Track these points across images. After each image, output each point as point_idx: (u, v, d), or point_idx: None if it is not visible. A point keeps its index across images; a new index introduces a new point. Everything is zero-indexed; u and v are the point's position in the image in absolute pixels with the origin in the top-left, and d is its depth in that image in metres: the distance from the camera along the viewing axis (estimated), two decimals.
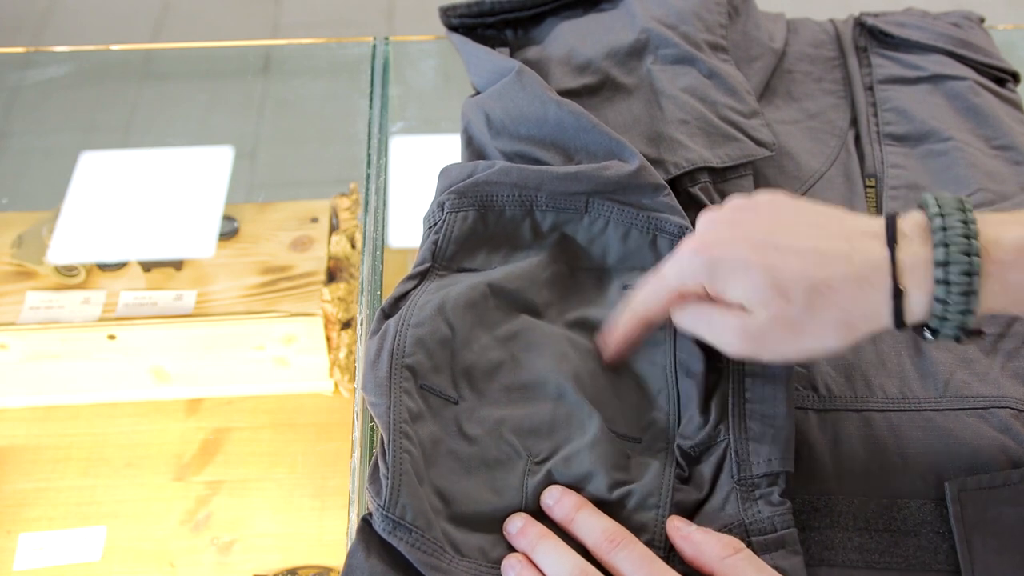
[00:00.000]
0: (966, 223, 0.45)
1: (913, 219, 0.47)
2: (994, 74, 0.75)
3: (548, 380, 0.53)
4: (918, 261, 0.45)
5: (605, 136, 0.61)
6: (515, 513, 0.49)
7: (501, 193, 0.60)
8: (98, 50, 1.05)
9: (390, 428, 0.50)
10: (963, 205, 0.46)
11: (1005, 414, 0.54)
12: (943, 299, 0.45)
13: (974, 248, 0.44)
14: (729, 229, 0.49)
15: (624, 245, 0.60)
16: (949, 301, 0.45)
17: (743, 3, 0.77)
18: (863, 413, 0.55)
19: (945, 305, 0.45)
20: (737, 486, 0.50)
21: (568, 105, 0.62)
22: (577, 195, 0.60)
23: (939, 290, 0.45)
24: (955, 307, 0.45)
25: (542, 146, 0.63)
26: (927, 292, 0.45)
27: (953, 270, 0.44)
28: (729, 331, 0.49)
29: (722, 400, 0.53)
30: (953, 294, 0.45)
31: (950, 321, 0.45)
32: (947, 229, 0.45)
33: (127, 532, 0.69)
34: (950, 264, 0.44)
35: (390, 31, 1.99)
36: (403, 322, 0.54)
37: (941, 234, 0.45)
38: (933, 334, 0.47)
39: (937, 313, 0.45)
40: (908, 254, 0.45)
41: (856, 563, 0.50)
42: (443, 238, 0.59)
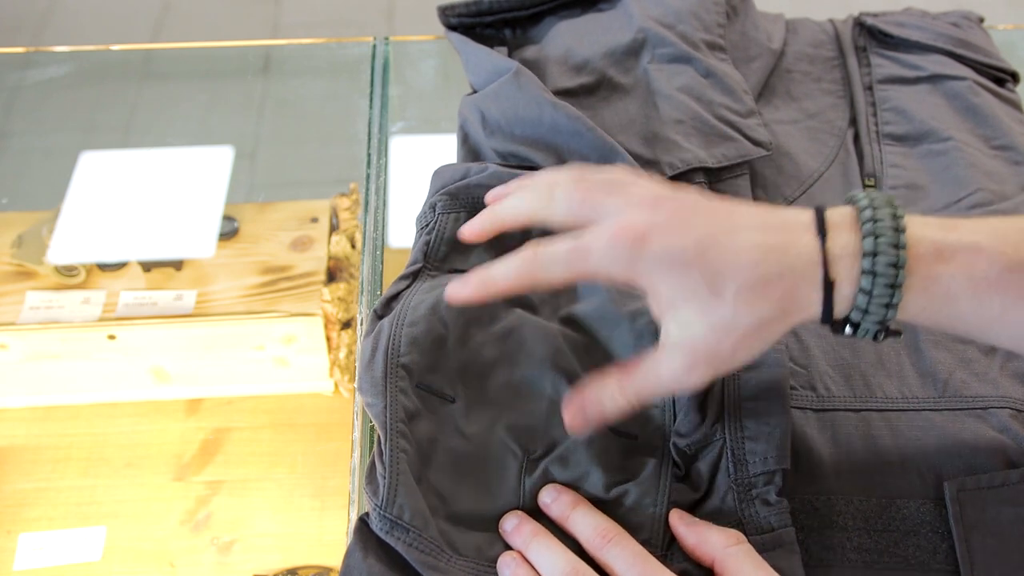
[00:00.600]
0: (895, 216, 0.44)
1: (843, 211, 0.46)
2: (993, 74, 0.75)
3: (543, 377, 0.53)
4: (847, 252, 0.44)
5: (600, 140, 0.61)
6: (510, 511, 0.50)
7: None
8: (98, 50, 1.05)
9: (387, 428, 0.50)
10: (892, 200, 0.45)
11: (1004, 414, 0.54)
12: (868, 290, 0.44)
13: (902, 241, 0.44)
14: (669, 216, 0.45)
15: None
16: (873, 293, 0.44)
17: (741, 3, 0.78)
18: (862, 413, 0.55)
19: (869, 297, 0.44)
20: (734, 485, 0.50)
21: (564, 108, 0.62)
22: None
23: (864, 280, 0.44)
24: (878, 299, 0.44)
25: (536, 147, 0.63)
26: (853, 282, 0.44)
27: (880, 260, 0.44)
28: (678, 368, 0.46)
29: (717, 398, 0.53)
30: (878, 285, 0.44)
31: (872, 315, 0.45)
32: (877, 220, 0.44)
33: (127, 532, 0.70)
34: (878, 255, 0.44)
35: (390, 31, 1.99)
36: (397, 322, 0.54)
37: (871, 225, 0.44)
38: (854, 329, 0.46)
39: (860, 305, 0.45)
40: (838, 245, 0.45)
41: (855, 563, 0.50)
42: (435, 239, 0.59)
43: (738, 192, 0.64)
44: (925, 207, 0.65)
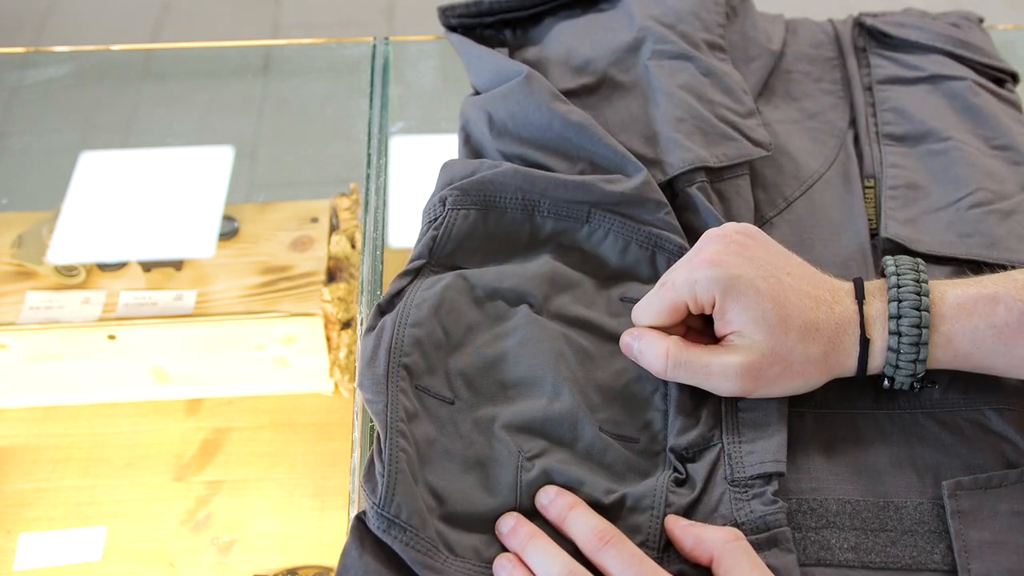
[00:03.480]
0: (918, 281, 0.51)
1: (877, 283, 0.53)
2: (993, 74, 0.75)
3: (544, 378, 0.53)
4: (879, 314, 0.51)
5: (610, 149, 0.61)
6: (507, 512, 0.50)
7: (505, 194, 0.60)
8: (98, 50, 1.05)
9: (387, 426, 0.50)
10: (917, 266, 0.52)
11: (1002, 414, 0.54)
12: (895, 348, 0.51)
13: (924, 304, 0.50)
14: (740, 252, 0.52)
15: (623, 258, 0.60)
16: (901, 351, 0.51)
17: (741, 4, 0.78)
18: (859, 414, 0.55)
19: (897, 354, 0.51)
20: (730, 487, 0.50)
21: (574, 116, 0.62)
22: (580, 204, 0.60)
23: (892, 340, 0.51)
24: (906, 356, 0.51)
25: (544, 151, 0.63)
26: (884, 341, 0.51)
27: (904, 322, 0.50)
28: (730, 370, 0.51)
29: (715, 403, 0.53)
30: (904, 344, 0.50)
31: (902, 370, 0.51)
32: (901, 287, 0.51)
33: (127, 532, 0.70)
34: (902, 317, 0.50)
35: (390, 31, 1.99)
36: (400, 320, 0.54)
37: (895, 291, 0.51)
38: (890, 382, 0.52)
39: (891, 362, 0.51)
40: (874, 309, 0.51)
41: (852, 563, 0.50)
42: (443, 234, 0.59)
43: (739, 192, 0.64)
44: (925, 207, 0.65)
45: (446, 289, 0.56)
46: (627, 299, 0.59)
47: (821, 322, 0.51)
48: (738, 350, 0.51)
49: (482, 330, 0.55)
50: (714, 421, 0.52)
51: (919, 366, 0.51)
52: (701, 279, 0.51)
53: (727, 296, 0.50)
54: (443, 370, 0.53)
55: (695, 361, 0.51)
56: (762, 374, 0.50)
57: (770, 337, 0.50)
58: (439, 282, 0.56)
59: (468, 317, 0.56)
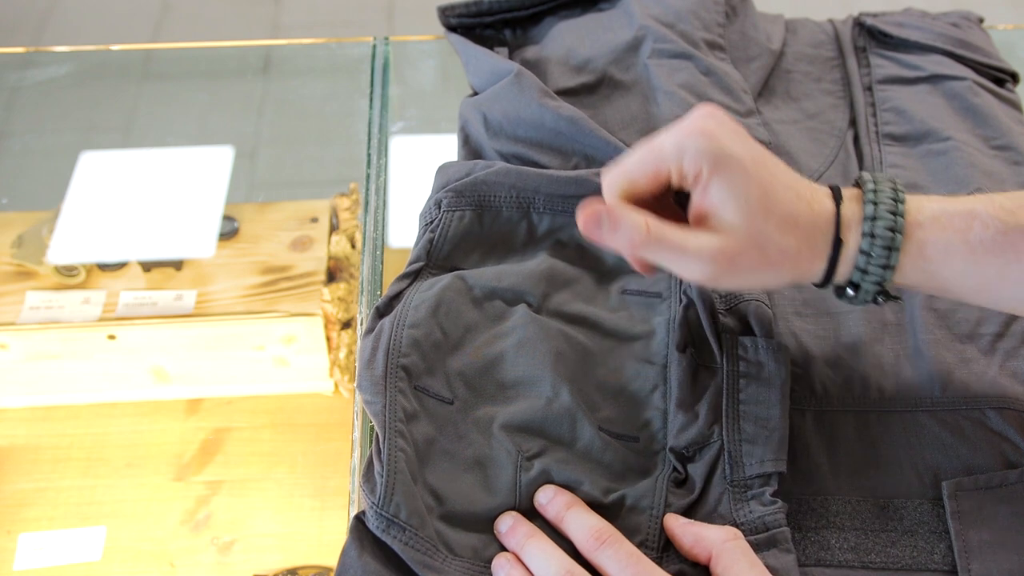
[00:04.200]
0: (895, 190, 0.49)
1: (851, 190, 0.50)
2: (993, 74, 0.75)
3: (543, 378, 0.53)
4: (854, 217, 0.49)
5: (603, 141, 0.61)
6: (505, 512, 0.50)
7: (499, 193, 0.60)
8: (98, 50, 1.05)
9: (385, 427, 0.50)
10: (894, 180, 0.50)
11: (1003, 414, 0.54)
12: (867, 251, 0.48)
13: (900, 209, 0.48)
14: (733, 132, 0.49)
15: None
16: (872, 254, 0.48)
17: (741, 4, 0.78)
18: (860, 413, 0.55)
19: (868, 257, 0.48)
20: (729, 487, 0.50)
21: (565, 110, 0.62)
22: (575, 199, 0.60)
23: (864, 242, 0.48)
24: (876, 260, 0.48)
25: (539, 148, 0.63)
26: (855, 245, 0.48)
27: (879, 224, 0.48)
28: (705, 251, 0.47)
29: (715, 400, 0.53)
30: (876, 247, 0.48)
31: (870, 275, 0.48)
32: (878, 192, 0.49)
33: (127, 532, 0.70)
34: (877, 219, 0.48)
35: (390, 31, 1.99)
36: (398, 322, 0.54)
37: (872, 195, 0.49)
38: (854, 290, 0.49)
39: (860, 265, 0.48)
40: (848, 211, 0.49)
41: (852, 563, 0.50)
42: (439, 237, 0.59)
43: None
44: None
45: (444, 290, 0.56)
46: (629, 291, 0.59)
47: (800, 215, 0.48)
48: (715, 231, 0.47)
49: (481, 330, 0.55)
50: (714, 416, 0.52)
51: (888, 272, 0.48)
52: (691, 148, 0.47)
53: (715, 170, 0.47)
54: (442, 371, 0.53)
55: (672, 238, 0.48)
56: (736, 260, 0.47)
57: (750, 222, 0.47)
58: (437, 283, 0.56)
59: (467, 317, 0.56)
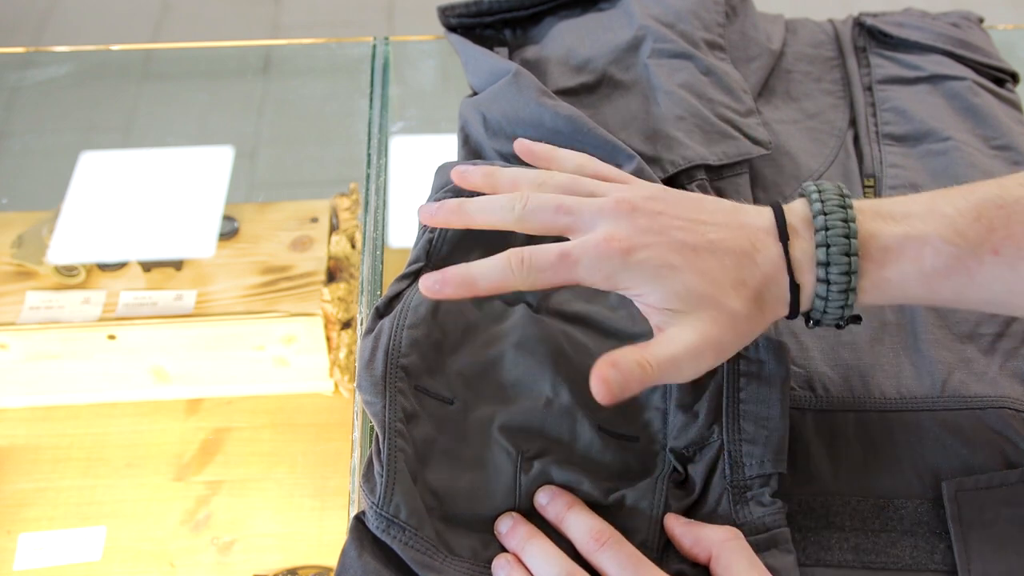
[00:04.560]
0: (846, 221, 0.47)
1: (796, 212, 0.49)
2: (993, 74, 0.75)
3: (543, 378, 0.53)
4: (805, 258, 0.48)
5: (601, 140, 0.61)
6: (505, 512, 0.50)
7: None
8: (98, 50, 1.05)
9: (385, 427, 0.50)
10: (843, 198, 0.48)
11: (1003, 414, 0.54)
12: (823, 296, 0.48)
13: (853, 247, 0.47)
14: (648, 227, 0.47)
15: None
16: (829, 298, 0.48)
17: (741, 3, 0.78)
18: (860, 413, 0.55)
19: (825, 301, 0.48)
20: (729, 487, 0.50)
21: (563, 109, 0.62)
22: None
23: (819, 288, 0.48)
24: (834, 302, 0.48)
25: None
26: (811, 287, 0.48)
27: (833, 270, 0.47)
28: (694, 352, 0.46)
29: (715, 400, 0.53)
30: (833, 292, 0.47)
31: (829, 314, 0.49)
32: (829, 229, 0.47)
33: (127, 532, 0.70)
34: (831, 265, 0.47)
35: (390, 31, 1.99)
36: (398, 322, 0.54)
37: (823, 234, 0.47)
38: (816, 324, 0.50)
39: (818, 308, 0.49)
40: (799, 250, 0.48)
41: (852, 563, 0.50)
42: (438, 237, 0.59)
43: (738, 190, 0.64)
44: None
45: None
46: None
47: (747, 277, 0.47)
48: (684, 328, 0.46)
49: (481, 330, 0.55)
50: (714, 416, 0.52)
51: (846, 310, 0.48)
52: (610, 268, 0.46)
53: (642, 284, 0.46)
54: (442, 371, 0.53)
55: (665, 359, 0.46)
56: (720, 344, 0.47)
57: (703, 305, 0.46)
58: None
59: (466, 317, 0.56)
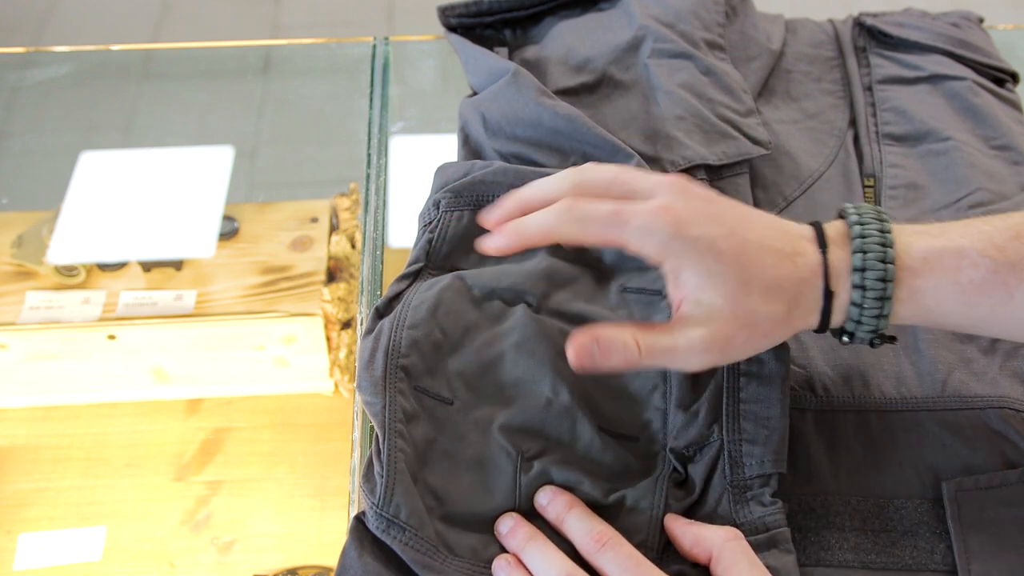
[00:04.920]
0: (883, 232, 0.48)
1: (836, 227, 0.49)
2: (993, 74, 0.75)
3: (543, 378, 0.53)
4: (842, 265, 0.48)
5: (600, 139, 0.61)
6: (506, 513, 0.50)
7: (497, 193, 0.60)
8: (98, 50, 1.05)
9: (385, 427, 0.50)
10: (880, 215, 0.49)
11: (1003, 414, 0.54)
12: (859, 303, 0.47)
13: (889, 255, 0.47)
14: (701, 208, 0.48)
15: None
16: (864, 305, 0.47)
17: (741, 3, 0.78)
18: (860, 413, 0.55)
19: (860, 309, 0.48)
20: (729, 487, 0.50)
21: (563, 109, 0.62)
22: None
23: (855, 294, 0.47)
24: (869, 311, 0.47)
25: (538, 148, 0.63)
26: (847, 295, 0.48)
27: (869, 276, 0.47)
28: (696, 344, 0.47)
29: (715, 400, 0.53)
30: (868, 299, 0.47)
31: (864, 325, 0.48)
32: (865, 237, 0.47)
33: (127, 532, 0.70)
34: (867, 270, 0.47)
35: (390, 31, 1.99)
36: (398, 323, 0.54)
37: (860, 241, 0.47)
38: (849, 337, 0.49)
39: (853, 316, 0.48)
40: (836, 258, 0.48)
41: (852, 563, 0.50)
42: (437, 237, 0.59)
43: (738, 190, 0.64)
44: (925, 207, 0.65)
45: (443, 290, 0.56)
46: (629, 289, 0.58)
47: (784, 279, 0.47)
48: (700, 321, 0.47)
49: (480, 330, 0.55)
50: (714, 416, 0.52)
51: (882, 321, 0.48)
52: (656, 233, 0.46)
53: (683, 258, 0.46)
54: (442, 371, 0.53)
55: (660, 343, 0.47)
56: (729, 343, 0.47)
57: (731, 302, 0.46)
58: (436, 284, 0.56)
59: (466, 318, 0.56)
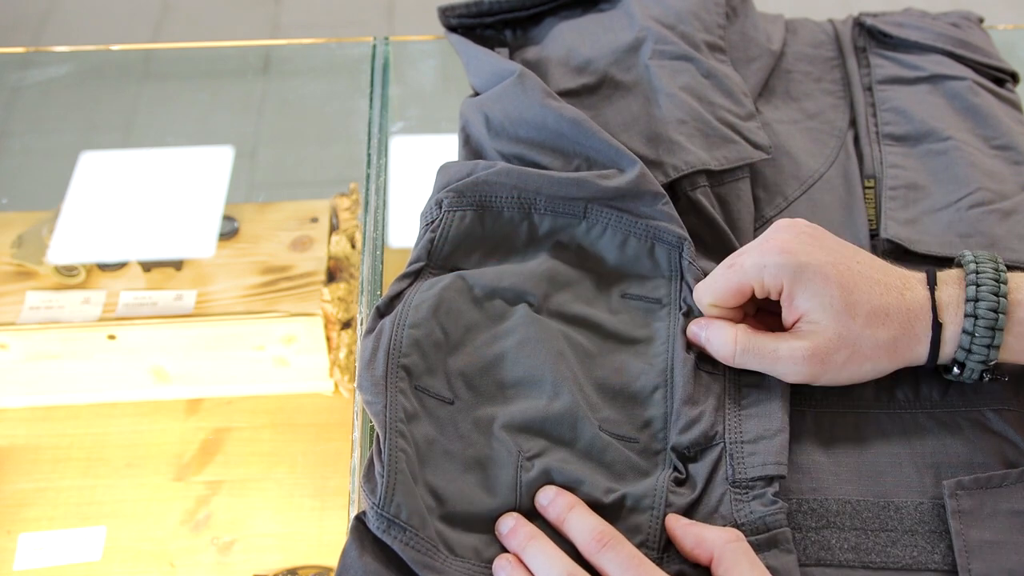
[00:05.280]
0: (997, 269, 0.52)
1: (949, 272, 0.53)
2: (993, 74, 0.75)
3: (544, 378, 0.53)
4: (952, 300, 0.52)
5: (604, 143, 0.61)
6: (507, 513, 0.50)
7: (500, 194, 0.60)
8: (98, 50, 1.05)
9: (386, 427, 0.50)
10: (996, 257, 0.53)
11: (1002, 415, 0.54)
12: (970, 331, 0.51)
13: (1002, 290, 0.51)
14: (809, 242, 0.53)
15: (622, 253, 0.60)
16: (975, 334, 0.51)
17: (741, 4, 0.78)
18: (860, 414, 0.55)
19: (972, 337, 0.51)
20: (731, 488, 0.50)
21: (568, 112, 0.62)
22: (576, 201, 0.60)
23: (967, 323, 0.51)
24: (980, 340, 0.51)
25: (541, 150, 0.63)
26: (958, 325, 0.51)
27: (982, 305, 0.50)
28: (797, 353, 0.51)
29: (718, 401, 0.53)
30: (980, 327, 0.50)
31: (975, 355, 0.51)
32: (980, 272, 0.51)
33: (127, 532, 0.70)
34: (980, 300, 0.51)
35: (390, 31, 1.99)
36: (399, 321, 0.54)
37: (974, 276, 0.51)
38: (960, 368, 0.52)
39: (964, 345, 0.51)
40: (946, 295, 0.52)
41: (852, 563, 0.50)
42: (439, 237, 0.59)
43: (739, 195, 0.64)
44: (925, 207, 0.65)
45: (445, 290, 0.56)
46: (629, 295, 0.59)
47: (891, 307, 0.51)
48: (805, 335, 0.51)
49: (481, 330, 0.55)
50: (716, 418, 0.52)
51: (992, 352, 0.51)
52: (771, 265, 0.52)
53: (795, 283, 0.52)
54: (443, 370, 0.54)
55: (763, 347, 0.52)
56: (829, 358, 0.51)
57: (837, 323, 0.51)
58: (438, 283, 0.56)
59: (467, 317, 0.56)
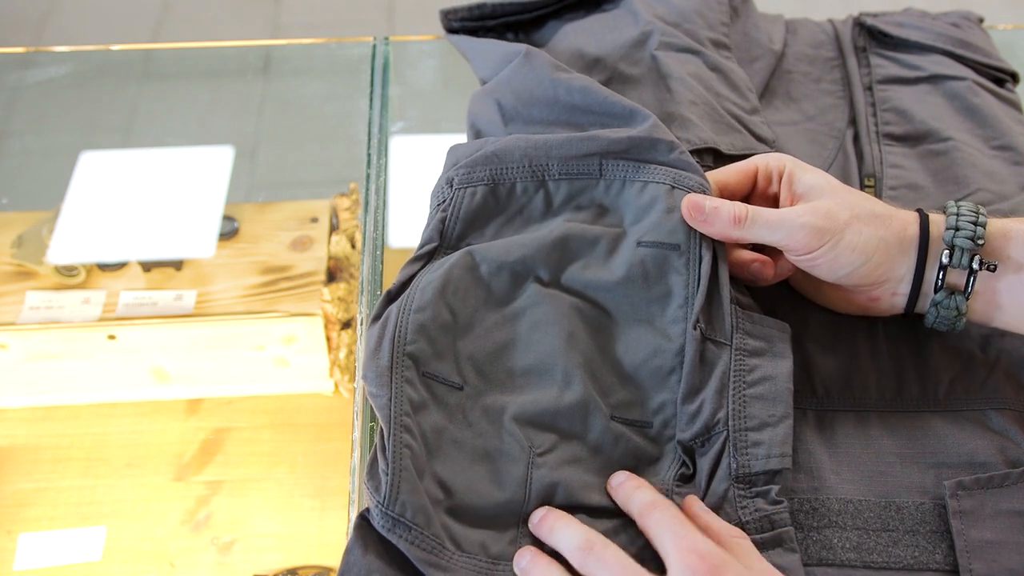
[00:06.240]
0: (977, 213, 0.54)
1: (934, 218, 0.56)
2: (993, 74, 0.75)
3: (555, 365, 0.52)
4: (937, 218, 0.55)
5: (617, 104, 0.60)
6: (523, 548, 0.48)
7: (511, 164, 0.58)
8: (98, 50, 1.05)
9: (390, 421, 0.49)
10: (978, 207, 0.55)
11: (1003, 415, 0.54)
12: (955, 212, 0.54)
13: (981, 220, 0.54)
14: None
15: (639, 199, 0.57)
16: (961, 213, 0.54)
17: (742, 4, 0.78)
18: (861, 413, 0.55)
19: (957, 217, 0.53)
20: (735, 483, 0.50)
21: (577, 81, 0.61)
22: (590, 157, 0.58)
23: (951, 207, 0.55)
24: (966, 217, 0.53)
25: (556, 126, 0.62)
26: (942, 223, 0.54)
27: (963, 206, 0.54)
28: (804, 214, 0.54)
29: (721, 383, 0.52)
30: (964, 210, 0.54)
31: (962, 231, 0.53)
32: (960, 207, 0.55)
33: (127, 532, 0.70)
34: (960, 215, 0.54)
35: (390, 31, 1.99)
36: (405, 307, 0.53)
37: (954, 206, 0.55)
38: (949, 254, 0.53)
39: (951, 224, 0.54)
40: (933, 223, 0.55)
41: (854, 562, 0.50)
42: (451, 216, 0.57)
43: None
44: (925, 207, 0.65)
45: (452, 268, 0.54)
46: (645, 243, 0.56)
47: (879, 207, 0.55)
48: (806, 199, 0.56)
49: (490, 310, 0.54)
50: (719, 402, 0.52)
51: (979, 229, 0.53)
52: (774, 156, 0.58)
53: (796, 165, 0.57)
54: (452, 353, 0.52)
55: (767, 214, 0.55)
56: (831, 217, 0.53)
57: (835, 196, 0.55)
58: (445, 263, 0.55)
59: (475, 296, 0.54)
